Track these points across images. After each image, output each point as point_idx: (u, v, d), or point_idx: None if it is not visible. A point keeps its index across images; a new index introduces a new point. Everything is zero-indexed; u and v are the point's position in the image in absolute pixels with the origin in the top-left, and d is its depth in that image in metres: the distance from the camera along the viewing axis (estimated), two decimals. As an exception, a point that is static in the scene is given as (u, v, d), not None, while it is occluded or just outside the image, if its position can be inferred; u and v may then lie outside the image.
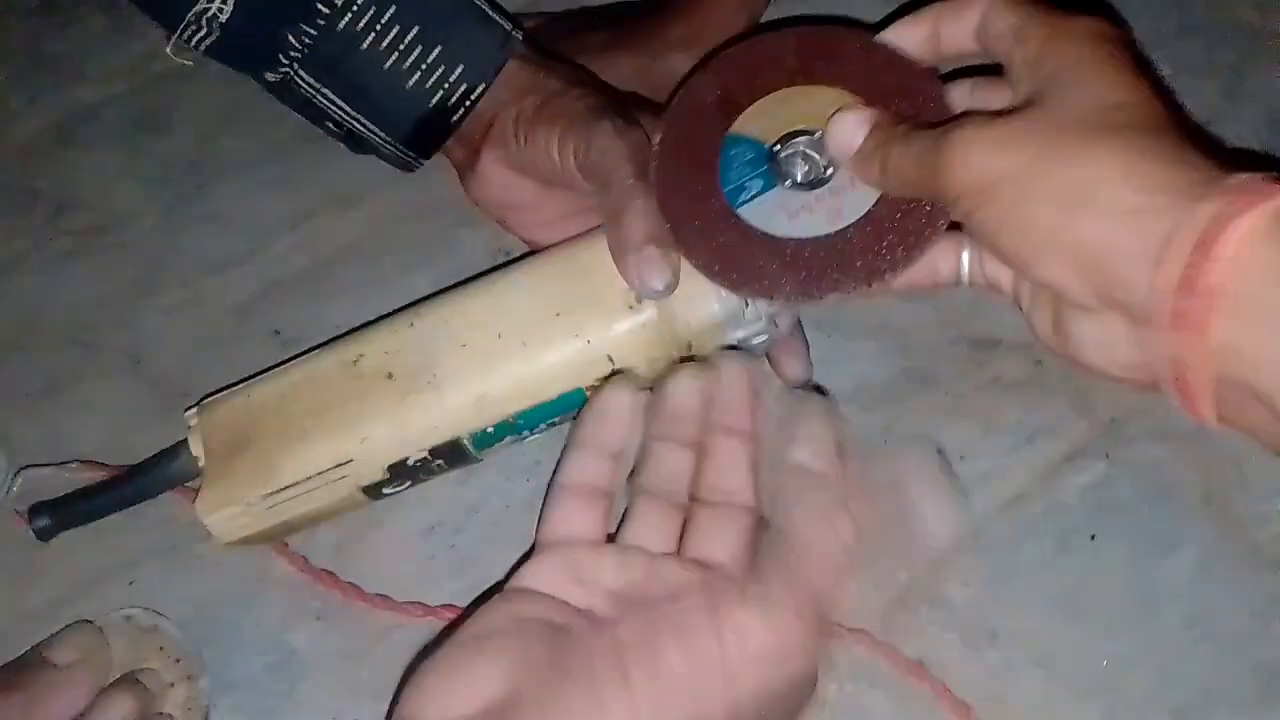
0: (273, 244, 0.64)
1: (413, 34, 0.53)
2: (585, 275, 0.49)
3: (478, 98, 0.54)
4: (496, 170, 0.55)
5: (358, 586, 0.53)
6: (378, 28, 0.53)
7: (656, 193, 0.48)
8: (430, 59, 0.53)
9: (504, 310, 0.50)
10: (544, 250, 0.53)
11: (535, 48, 0.56)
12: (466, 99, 0.54)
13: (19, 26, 0.75)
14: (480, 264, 0.61)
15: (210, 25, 0.53)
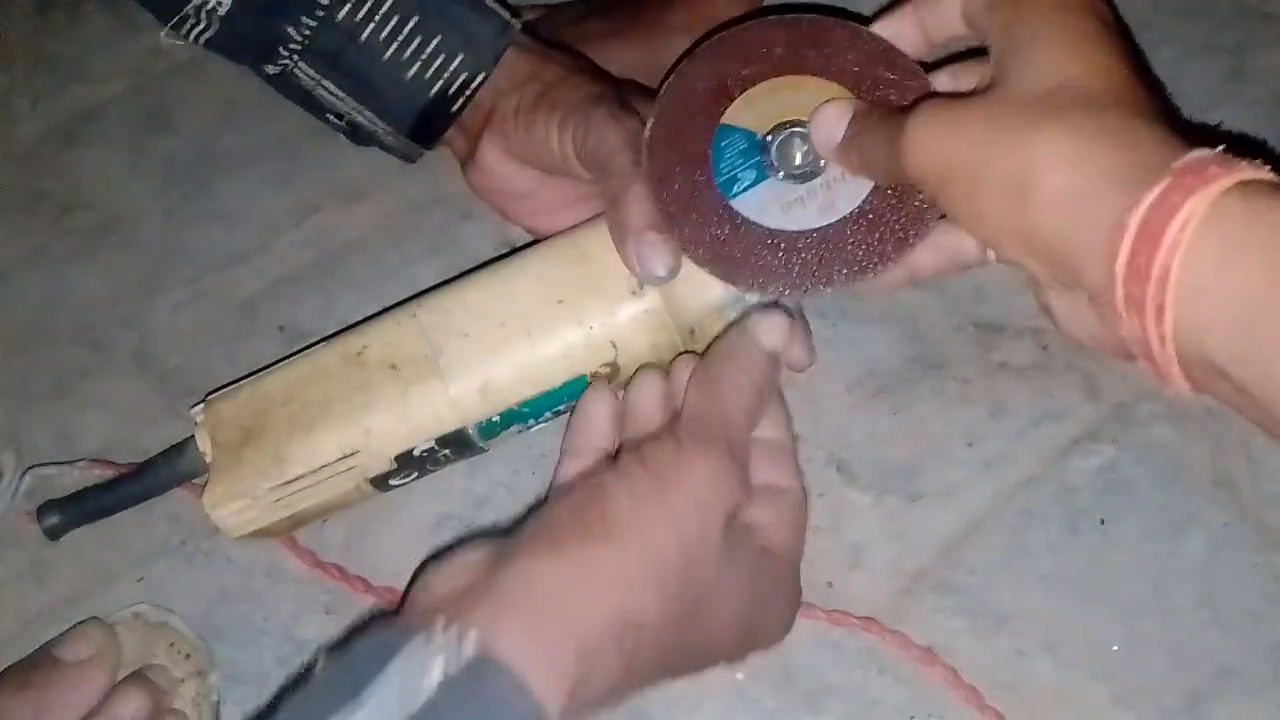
0: (277, 240, 0.64)
1: (411, 24, 0.53)
2: (587, 262, 0.49)
3: (478, 87, 0.54)
4: (496, 159, 0.55)
5: (366, 580, 0.53)
6: (376, 18, 0.53)
7: (648, 182, 0.48)
8: (430, 49, 0.53)
9: (506, 299, 0.50)
10: (546, 239, 0.53)
11: (534, 36, 0.56)
12: (466, 88, 0.54)
13: (21, 27, 0.75)
14: (484, 256, 0.60)
15: (209, 18, 0.53)
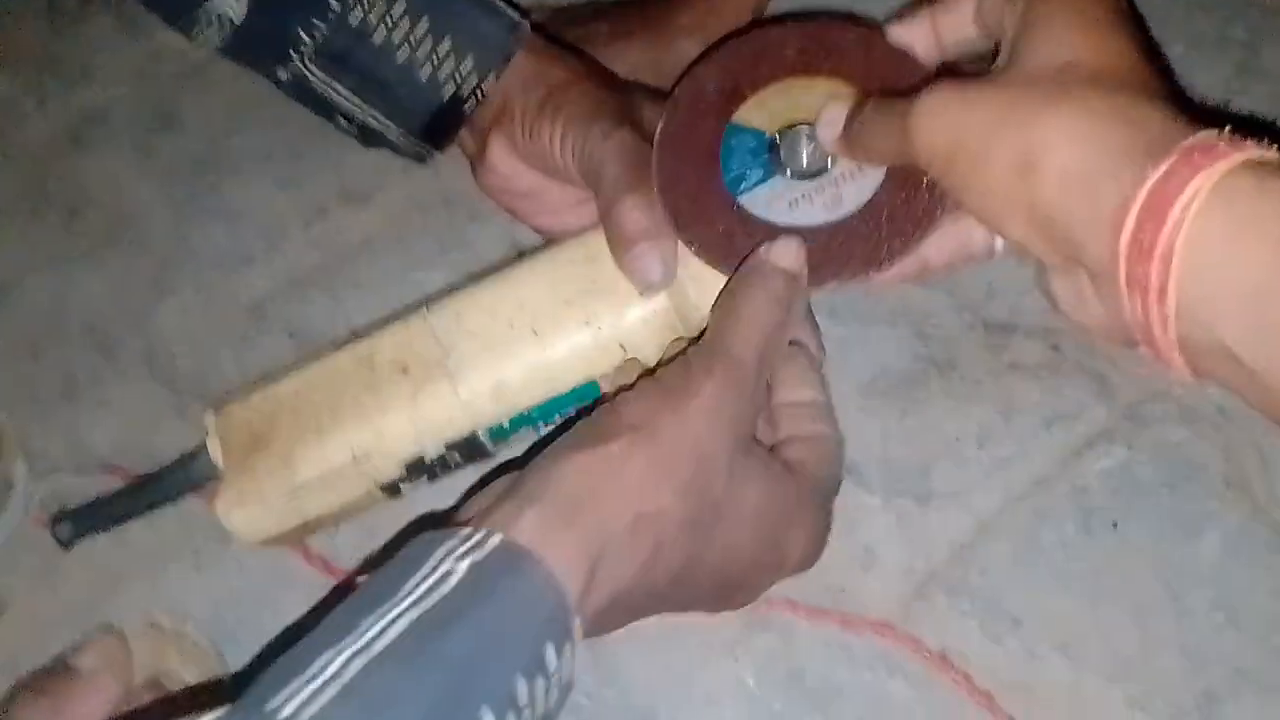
0: (285, 242, 0.65)
1: (423, 26, 0.53)
2: (595, 264, 0.49)
3: (489, 88, 0.54)
4: (504, 159, 0.56)
5: (378, 584, 0.53)
6: (388, 20, 0.53)
7: (657, 180, 0.48)
8: (441, 50, 0.53)
9: (516, 301, 0.50)
10: (555, 241, 0.53)
11: (543, 37, 0.56)
12: (478, 89, 0.54)
13: (27, 30, 0.76)
14: (493, 258, 0.60)
15: (222, 23, 0.53)
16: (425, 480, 0.52)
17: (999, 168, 0.39)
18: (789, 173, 0.48)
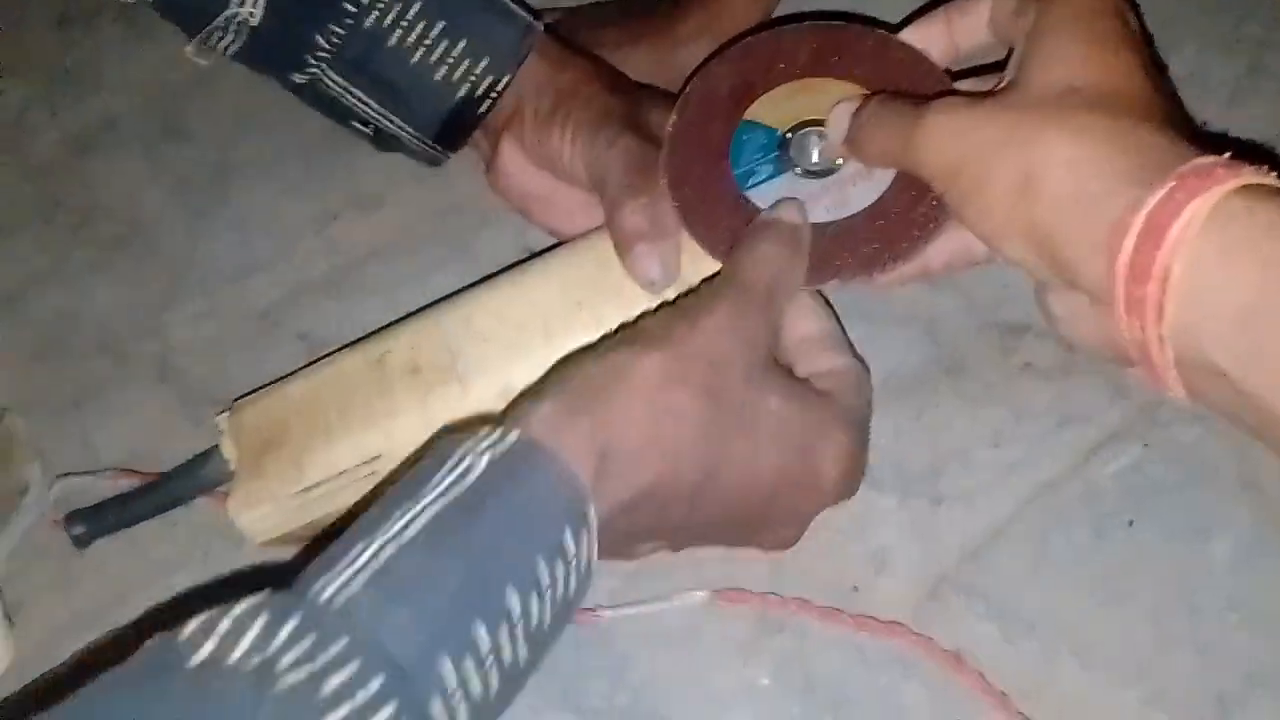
0: (296, 248, 0.65)
1: (438, 29, 0.54)
2: (605, 266, 0.50)
3: (503, 90, 0.54)
4: (515, 161, 0.56)
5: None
6: (403, 24, 0.53)
7: (667, 175, 0.49)
8: (456, 53, 0.54)
9: (526, 302, 0.50)
10: (564, 243, 0.53)
11: (555, 39, 0.56)
12: (492, 91, 0.55)
13: (37, 40, 0.76)
14: (504, 261, 0.60)
15: (239, 30, 0.53)
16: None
17: (1000, 187, 0.39)
18: (798, 171, 0.48)
